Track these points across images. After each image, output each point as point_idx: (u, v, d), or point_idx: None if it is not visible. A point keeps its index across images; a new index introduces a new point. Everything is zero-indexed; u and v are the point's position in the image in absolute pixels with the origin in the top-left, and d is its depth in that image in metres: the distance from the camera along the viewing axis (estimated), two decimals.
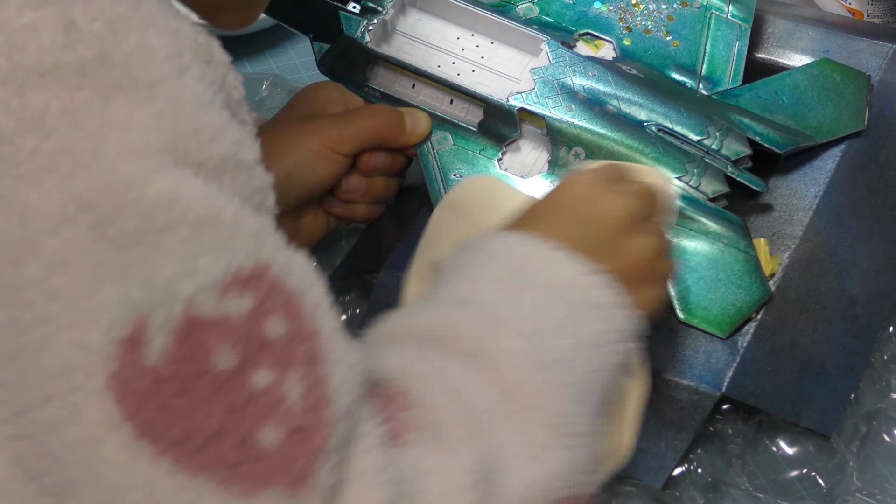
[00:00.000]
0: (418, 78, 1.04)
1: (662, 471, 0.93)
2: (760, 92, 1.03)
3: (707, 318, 0.94)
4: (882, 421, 1.01)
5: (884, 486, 0.99)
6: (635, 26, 1.07)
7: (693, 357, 0.93)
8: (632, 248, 0.82)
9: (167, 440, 0.61)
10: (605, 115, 1.00)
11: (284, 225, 1.01)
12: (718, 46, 1.06)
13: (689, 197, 0.98)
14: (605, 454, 0.81)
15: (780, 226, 0.98)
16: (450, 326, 0.75)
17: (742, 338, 0.93)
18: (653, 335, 0.94)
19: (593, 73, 1.02)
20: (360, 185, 1.03)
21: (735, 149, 0.99)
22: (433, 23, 1.07)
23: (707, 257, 0.96)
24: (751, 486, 0.98)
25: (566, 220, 0.82)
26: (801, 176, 1.00)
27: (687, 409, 0.92)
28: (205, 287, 0.62)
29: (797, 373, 0.94)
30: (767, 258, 0.96)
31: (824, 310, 0.96)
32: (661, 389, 0.92)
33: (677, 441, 0.93)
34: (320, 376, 0.65)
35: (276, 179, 0.98)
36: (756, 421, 1.01)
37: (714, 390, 0.91)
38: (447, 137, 1.02)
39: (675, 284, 0.95)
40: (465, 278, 0.79)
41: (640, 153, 0.99)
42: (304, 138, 1.00)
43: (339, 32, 1.05)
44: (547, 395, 0.73)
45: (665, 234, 0.86)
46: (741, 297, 0.94)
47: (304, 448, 0.64)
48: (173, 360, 0.61)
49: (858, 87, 1.02)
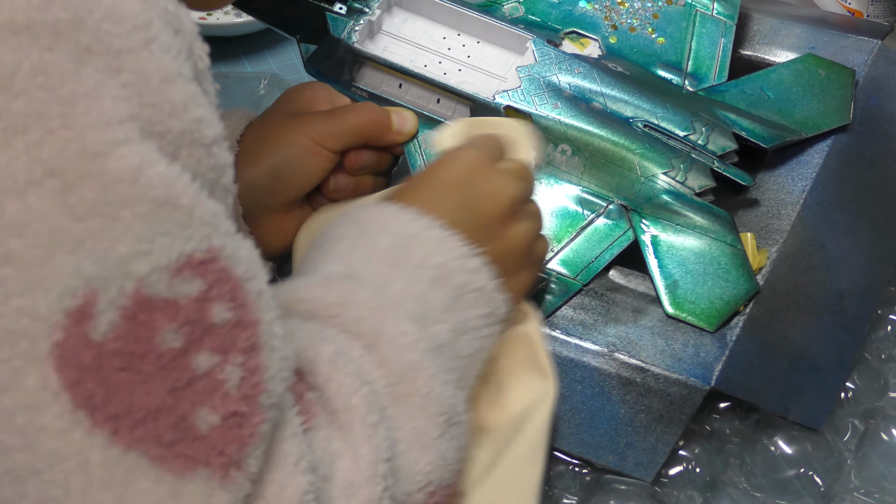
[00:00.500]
0: (405, 77, 1.04)
1: (652, 465, 0.93)
2: (746, 88, 1.04)
3: (695, 311, 0.94)
4: (880, 419, 1.01)
5: (882, 485, 0.99)
6: (621, 24, 1.07)
7: (682, 351, 0.93)
8: (513, 234, 0.86)
9: (105, 413, 0.62)
10: (591, 111, 1.00)
11: (272, 223, 1.02)
12: (704, 43, 1.06)
13: (675, 192, 0.98)
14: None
15: (768, 220, 0.98)
16: (341, 305, 0.76)
17: (731, 331, 0.93)
18: (641, 330, 0.94)
19: (579, 71, 1.02)
20: (348, 183, 1.03)
21: (721, 144, 0.99)
22: (419, 23, 1.07)
23: (694, 252, 0.96)
24: (748, 486, 0.98)
25: (451, 199, 0.84)
26: (788, 171, 1.00)
27: (677, 403, 0.92)
28: (158, 268, 0.63)
29: (786, 366, 0.94)
30: (755, 252, 0.96)
31: (813, 304, 0.96)
32: (651, 385, 0.92)
33: (667, 435, 0.93)
34: (258, 364, 0.66)
35: (264, 175, 0.99)
36: (754, 420, 1.00)
37: (703, 384, 0.91)
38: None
39: (661, 279, 0.95)
40: (352, 251, 0.81)
41: (625, 149, 0.99)
42: (292, 134, 1.00)
43: (326, 33, 1.05)
44: (432, 382, 0.75)
45: (539, 212, 0.89)
46: (728, 291, 0.94)
47: (237, 432, 0.65)
48: (120, 336, 0.62)
49: (844, 81, 1.03)
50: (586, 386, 0.94)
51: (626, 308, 0.95)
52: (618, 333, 0.94)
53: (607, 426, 0.94)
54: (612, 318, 0.95)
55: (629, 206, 0.98)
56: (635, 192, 0.98)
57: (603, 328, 0.94)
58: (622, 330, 0.94)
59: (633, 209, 0.98)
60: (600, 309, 0.95)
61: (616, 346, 0.93)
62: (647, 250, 0.96)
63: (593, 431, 0.94)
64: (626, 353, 0.93)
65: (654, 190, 0.98)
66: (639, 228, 0.97)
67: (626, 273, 0.97)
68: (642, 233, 0.97)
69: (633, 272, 0.97)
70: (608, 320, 0.95)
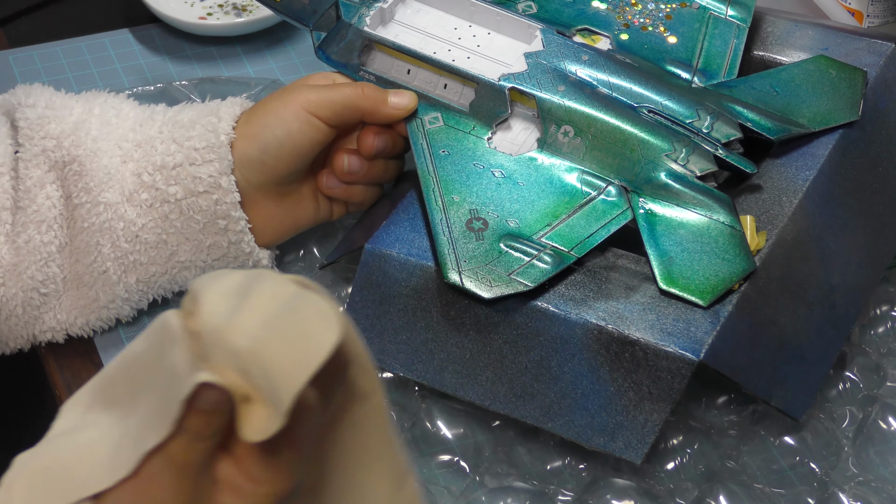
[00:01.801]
0: (413, 62, 1.04)
1: (641, 446, 0.91)
2: (755, 84, 1.03)
3: (689, 286, 0.92)
4: (878, 408, 1.00)
5: (879, 473, 0.98)
6: (633, 24, 1.07)
7: (673, 326, 0.91)
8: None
9: None
10: (596, 95, 1.00)
11: (265, 209, 1.02)
12: (715, 43, 1.06)
13: (676, 174, 0.97)
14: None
15: (769, 206, 0.97)
16: None
17: (724, 308, 0.92)
18: (632, 305, 0.93)
19: (586, 59, 1.02)
20: (361, 165, 1.03)
21: (725, 132, 0.98)
22: (432, 13, 1.08)
23: (691, 230, 0.95)
24: (745, 476, 0.97)
25: None
26: (793, 160, 0.99)
27: (665, 378, 0.90)
28: None
29: (774, 351, 0.93)
30: (754, 234, 0.95)
31: (805, 293, 0.95)
32: (640, 359, 0.91)
33: (655, 413, 0.91)
34: None
35: (252, 149, 1.00)
36: (750, 411, 0.99)
37: (692, 356, 0.89)
38: (438, 118, 1.02)
39: (656, 254, 0.94)
40: None
41: (628, 132, 0.98)
42: (282, 104, 1.00)
43: (338, 20, 1.06)
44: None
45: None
46: (725, 268, 0.93)
47: None
48: None
49: (854, 81, 1.02)
50: (576, 363, 0.92)
51: (619, 285, 0.94)
52: (608, 308, 0.93)
53: (596, 406, 0.92)
54: (604, 294, 0.93)
55: (629, 188, 0.97)
56: (636, 174, 0.97)
57: (594, 303, 0.93)
58: (613, 305, 0.93)
59: (632, 190, 0.97)
60: (593, 286, 0.94)
61: (606, 320, 0.92)
62: (643, 227, 0.95)
63: (583, 412, 0.92)
64: (615, 326, 0.91)
65: (655, 171, 0.97)
66: (637, 207, 0.96)
67: (622, 254, 0.96)
68: (640, 210, 0.96)
69: (631, 254, 0.96)
70: (599, 296, 0.93)
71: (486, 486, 0.96)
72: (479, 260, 0.94)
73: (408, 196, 1.01)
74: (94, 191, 1.00)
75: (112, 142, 1.02)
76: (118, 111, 1.04)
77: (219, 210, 1.01)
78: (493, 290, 0.93)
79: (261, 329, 0.61)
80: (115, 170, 1.00)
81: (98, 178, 1.00)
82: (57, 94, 1.04)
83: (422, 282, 0.96)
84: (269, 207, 1.03)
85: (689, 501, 0.95)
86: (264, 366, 0.61)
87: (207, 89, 1.18)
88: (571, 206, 0.97)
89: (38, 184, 1.00)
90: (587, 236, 0.95)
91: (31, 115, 1.01)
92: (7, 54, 1.26)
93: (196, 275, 1.03)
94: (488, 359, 0.95)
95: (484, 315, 0.94)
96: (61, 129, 1.01)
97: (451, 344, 0.95)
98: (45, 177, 1.00)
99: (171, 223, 1.01)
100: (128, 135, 1.02)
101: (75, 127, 1.01)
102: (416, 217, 0.99)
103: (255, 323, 0.61)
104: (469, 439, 0.99)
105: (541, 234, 0.95)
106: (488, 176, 0.99)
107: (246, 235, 1.02)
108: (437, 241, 0.95)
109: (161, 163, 1.01)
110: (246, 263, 1.04)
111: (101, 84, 1.23)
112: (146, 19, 1.29)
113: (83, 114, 1.02)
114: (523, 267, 0.93)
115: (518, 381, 0.94)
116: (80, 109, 1.03)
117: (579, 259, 0.95)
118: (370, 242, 0.98)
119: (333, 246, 1.09)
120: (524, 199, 0.97)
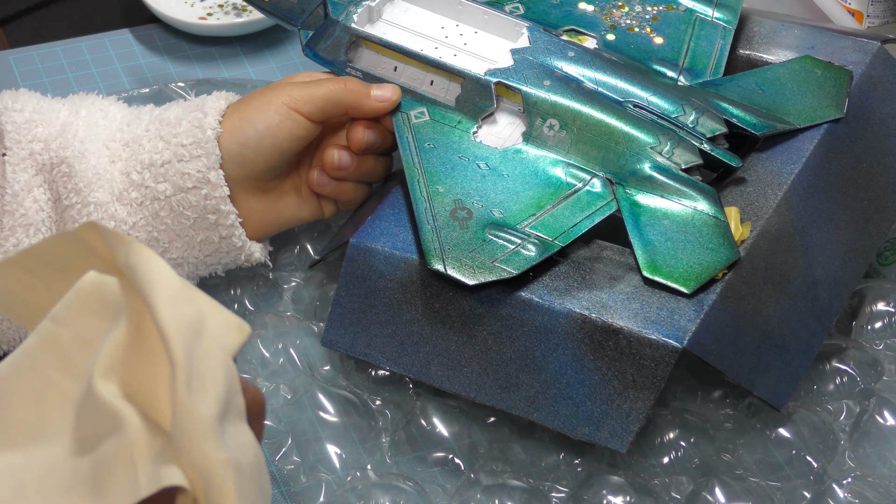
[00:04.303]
0: (400, 58, 1.04)
1: (626, 434, 0.91)
2: (740, 83, 1.03)
3: (672, 274, 0.92)
4: (875, 402, 1.00)
5: (876, 466, 0.98)
6: (620, 25, 1.07)
7: (657, 314, 0.91)
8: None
9: None
10: (582, 90, 1.00)
11: (248, 202, 1.02)
12: (701, 44, 1.06)
13: (661, 166, 0.97)
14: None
15: (754, 199, 0.97)
16: None
17: (707, 297, 0.91)
18: (616, 295, 0.93)
19: (572, 55, 1.02)
20: (351, 160, 1.03)
21: (711, 126, 0.99)
22: (419, 12, 1.08)
23: (675, 220, 0.95)
24: (741, 470, 0.97)
25: None
26: (778, 154, 0.99)
27: (649, 366, 0.90)
28: None
29: (757, 341, 0.93)
30: (738, 225, 0.95)
31: (788, 284, 0.95)
32: (623, 348, 0.90)
33: (640, 402, 0.90)
34: None
35: (234, 143, 1.00)
36: (746, 404, 0.99)
37: (676, 343, 0.89)
38: (424, 112, 1.02)
39: (640, 243, 0.94)
40: None
41: (613, 125, 0.98)
42: (265, 100, 1.01)
43: (326, 18, 1.06)
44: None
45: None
46: (709, 257, 0.93)
47: None
48: None
49: (840, 81, 1.02)
50: (560, 353, 0.92)
51: (604, 276, 0.94)
52: (592, 298, 0.92)
53: (581, 396, 0.92)
54: (588, 285, 0.93)
55: (614, 180, 0.97)
56: (621, 166, 0.97)
57: (578, 293, 0.93)
58: (597, 295, 0.92)
59: (617, 182, 0.97)
60: (577, 276, 0.94)
61: (590, 309, 0.92)
62: (627, 217, 0.95)
63: (568, 402, 0.92)
64: (599, 315, 0.91)
65: (640, 163, 0.97)
66: (622, 198, 0.96)
67: (606, 246, 0.96)
68: (625, 201, 0.96)
69: (615, 245, 0.96)
70: (584, 286, 0.93)
71: (482, 483, 0.96)
72: (462, 247, 0.94)
73: (393, 192, 1.02)
74: (83, 191, 1.00)
75: (100, 142, 1.02)
76: (105, 112, 1.04)
77: (208, 205, 1.01)
78: (477, 277, 0.92)
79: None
80: (103, 170, 1.01)
81: (87, 178, 1.00)
82: (44, 99, 1.04)
83: (406, 275, 0.96)
84: (249, 202, 1.03)
85: (685, 496, 0.95)
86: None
87: (204, 91, 1.18)
88: (556, 196, 0.97)
89: (26, 188, 1.00)
90: (571, 226, 0.95)
91: (19, 119, 1.01)
92: (7, 54, 1.26)
93: (188, 272, 1.04)
94: (473, 350, 0.94)
95: (469, 307, 0.94)
96: (48, 132, 1.01)
97: (436, 336, 0.95)
98: (32, 180, 1.00)
99: (162, 220, 1.01)
100: (115, 135, 1.03)
101: (62, 129, 1.01)
102: (401, 212, 1.00)
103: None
104: (464, 437, 0.99)
105: (525, 223, 0.95)
106: (473, 168, 0.99)
107: (237, 229, 1.02)
108: (420, 230, 0.95)
109: (149, 161, 1.01)
110: (238, 257, 1.04)
111: (101, 84, 1.23)
112: (146, 19, 1.29)
113: (70, 116, 1.03)
114: (507, 254, 0.93)
115: (503, 372, 0.94)
116: (67, 112, 1.03)
117: (564, 250, 0.95)
118: (355, 237, 0.98)
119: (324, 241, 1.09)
120: (509, 190, 0.97)
